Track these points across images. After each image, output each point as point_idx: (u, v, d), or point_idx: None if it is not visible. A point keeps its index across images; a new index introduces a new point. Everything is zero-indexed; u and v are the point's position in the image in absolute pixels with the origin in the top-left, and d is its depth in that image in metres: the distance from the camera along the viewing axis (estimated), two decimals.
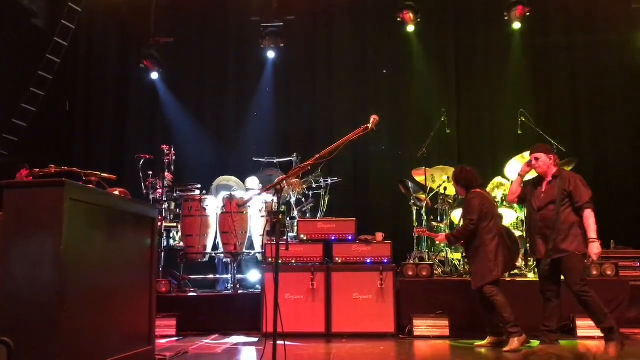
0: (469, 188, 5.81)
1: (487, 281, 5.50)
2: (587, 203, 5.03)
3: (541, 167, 5.25)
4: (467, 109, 9.72)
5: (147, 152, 7.96)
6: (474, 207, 5.62)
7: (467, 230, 5.62)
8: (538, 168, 5.27)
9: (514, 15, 9.27)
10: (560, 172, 5.22)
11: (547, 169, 5.24)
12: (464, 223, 5.69)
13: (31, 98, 9.17)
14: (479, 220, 5.58)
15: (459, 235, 5.75)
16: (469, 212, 5.65)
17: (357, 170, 9.73)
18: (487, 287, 5.50)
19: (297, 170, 4.15)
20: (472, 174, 5.88)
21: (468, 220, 5.62)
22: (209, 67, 10.33)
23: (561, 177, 5.16)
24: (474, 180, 5.85)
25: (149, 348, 4.68)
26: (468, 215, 5.65)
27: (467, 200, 5.73)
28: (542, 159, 5.24)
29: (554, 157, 5.27)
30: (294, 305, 6.46)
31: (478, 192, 5.75)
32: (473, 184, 5.82)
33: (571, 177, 5.17)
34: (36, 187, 3.66)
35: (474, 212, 5.60)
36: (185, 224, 7.65)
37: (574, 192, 5.06)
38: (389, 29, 9.88)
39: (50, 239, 3.44)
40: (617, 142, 9.16)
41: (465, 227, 5.65)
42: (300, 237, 6.94)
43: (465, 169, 5.95)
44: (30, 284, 3.42)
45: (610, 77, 9.44)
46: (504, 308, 5.45)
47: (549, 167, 5.23)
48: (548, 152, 5.29)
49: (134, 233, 4.57)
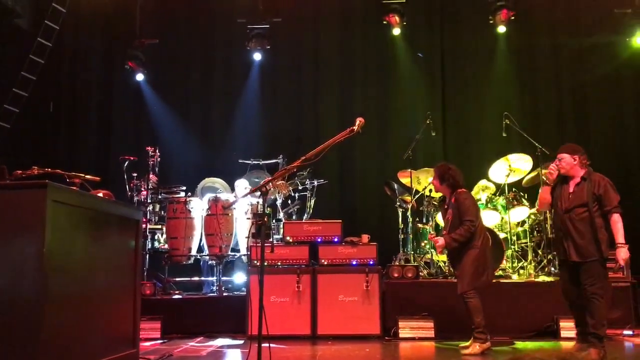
0: (455, 187, 5.66)
1: (474, 286, 5.41)
2: (616, 207, 4.93)
3: (564, 167, 5.14)
4: (452, 112, 9.77)
5: (132, 153, 7.92)
6: (471, 206, 5.51)
7: (470, 233, 5.42)
8: (561, 168, 5.17)
9: (499, 19, 9.33)
10: (590, 174, 5.08)
11: (570, 169, 5.12)
12: (465, 225, 5.44)
13: (14, 99, 9.08)
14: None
15: (461, 238, 5.45)
16: (466, 213, 5.46)
17: (343, 172, 9.74)
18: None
19: (283, 172, 4.16)
20: (458, 172, 5.72)
21: (469, 221, 5.42)
22: (195, 69, 10.29)
23: (590, 179, 5.04)
24: (460, 179, 5.71)
25: (133, 351, 4.64)
26: (466, 217, 5.45)
27: (461, 201, 5.53)
28: (565, 160, 5.12)
29: (579, 158, 5.10)
30: (279, 308, 6.45)
31: (467, 192, 5.69)
32: (460, 182, 5.68)
33: (601, 180, 5.03)
34: (18, 188, 3.62)
35: (472, 213, 5.47)
36: (170, 226, 7.61)
37: (603, 195, 4.95)
38: (375, 31, 9.91)
39: (33, 241, 3.41)
40: (601, 145, 9.25)
41: (468, 229, 5.42)
42: (286, 239, 6.94)
43: (451, 167, 5.76)
44: (12, 288, 3.37)
45: (594, 80, 9.53)
46: (476, 312, 5.38)
47: (572, 168, 5.10)
48: (573, 153, 5.13)
49: (118, 235, 4.53)
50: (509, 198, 7.45)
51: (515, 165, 7.63)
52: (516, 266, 7.38)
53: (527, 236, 7.45)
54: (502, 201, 7.53)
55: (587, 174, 5.08)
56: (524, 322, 6.46)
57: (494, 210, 7.49)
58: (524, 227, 7.63)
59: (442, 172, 5.71)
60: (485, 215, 7.42)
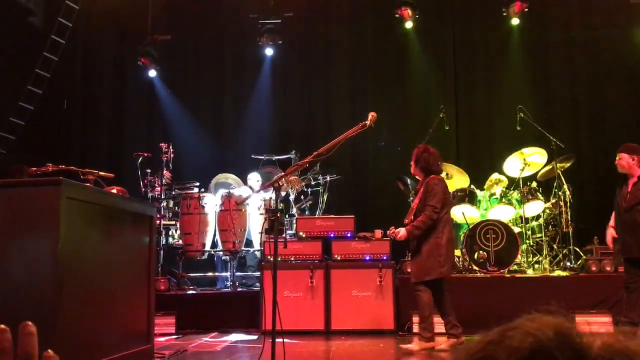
0: (428, 172, 5.37)
1: (432, 277, 5.14)
2: None
3: (622, 167, 5.29)
4: (465, 106, 9.70)
5: (145, 150, 7.95)
6: (438, 193, 5.18)
7: (431, 220, 5.13)
8: (620, 167, 5.33)
9: (513, 12, 9.24)
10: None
11: (629, 169, 5.26)
12: (427, 210, 5.14)
13: (29, 97, 9.16)
14: (441, 208, 5.20)
15: (422, 225, 5.15)
16: (431, 198, 5.16)
17: (356, 167, 9.72)
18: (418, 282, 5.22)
19: (295, 168, 4.15)
20: (435, 157, 5.40)
21: (431, 207, 5.13)
22: (207, 65, 10.31)
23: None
24: (435, 164, 5.39)
25: (148, 346, 4.67)
26: (430, 202, 5.15)
27: (430, 186, 5.24)
28: (624, 159, 5.27)
29: (637, 158, 5.23)
30: (293, 303, 6.45)
31: (441, 178, 5.41)
32: (433, 167, 5.38)
33: None
34: (33, 185, 3.64)
35: (438, 199, 5.16)
36: (184, 222, 7.64)
37: None
38: (387, 25, 9.85)
39: (47, 238, 3.43)
40: (616, 138, 9.14)
41: (429, 216, 5.12)
42: (299, 235, 6.93)
43: (428, 149, 5.44)
44: (28, 284, 3.40)
45: (609, 72, 9.42)
46: (425, 307, 5.16)
47: (631, 167, 5.24)
48: (632, 152, 5.27)
49: (132, 231, 4.56)
50: (523, 192, 7.39)
51: (530, 159, 7.56)
52: (531, 261, 7.32)
53: (542, 230, 7.39)
54: (516, 195, 7.46)
55: None
56: None
57: (508, 205, 7.43)
58: (539, 222, 7.56)
59: (418, 154, 5.42)
60: (500, 210, 7.37)
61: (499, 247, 6.87)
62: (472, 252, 6.92)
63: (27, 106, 9.14)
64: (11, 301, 3.39)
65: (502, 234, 6.90)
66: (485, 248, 6.89)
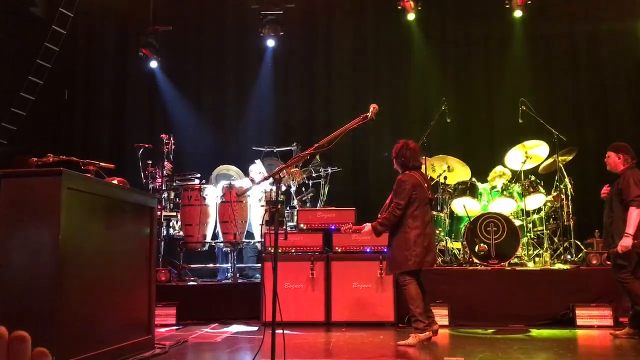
0: (405, 168, 5.39)
1: (401, 270, 5.19)
2: (632, 201, 5.32)
3: (609, 164, 5.65)
4: (467, 98, 9.67)
5: (146, 141, 7.94)
6: (404, 190, 5.20)
7: (395, 216, 5.19)
8: (608, 165, 5.68)
9: (515, 4, 9.21)
10: (624, 171, 5.50)
11: (615, 167, 5.60)
12: (391, 207, 5.23)
13: (30, 87, 9.14)
14: (407, 205, 5.20)
15: (386, 222, 5.24)
16: (398, 195, 5.22)
17: (357, 159, 9.71)
18: (401, 276, 5.25)
19: (296, 159, 4.13)
20: (412, 152, 5.40)
21: (395, 204, 5.19)
22: (208, 56, 10.29)
23: (622, 175, 5.49)
24: (412, 160, 5.40)
25: (148, 337, 4.68)
26: (396, 199, 5.21)
27: (398, 183, 5.29)
28: (611, 157, 5.61)
29: (623, 157, 5.53)
30: (293, 294, 6.46)
31: (411, 175, 5.34)
32: (409, 163, 5.39)
33: (627, 175, 5.45)
34: (34, 176, 3.64)
35: (403, 196, 5.18)
36: (185, 213, 7.64)
37: (623, 189, 5.40)
38: (390, 17, 9.82)
39: (48, 228, 3.43)
40: (619, 130, 9.13)
41: (392, 213, 5.19)
42: (300, 227, 6.93)
43: (407, 145, 5.42)
44: (29, 274, 3.41)
45: (612, 65, 9.40)
46: (412, 300, 5.15)
47: (616, 165, 5.57)
48: (618, 152, 5.58)
49: (133, 222, 4.56)
50: (525, 185, 7.38)
51: (532, 152, 7.54)
52: (532, 254, 7.33)
53: (543, 223, 7.39)
54: (518, 188, 7.46)
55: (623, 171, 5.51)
56: (539, 310, 6.41)
57: (509, 198, 7.42)
58: (540, 215, 7.56)
59: (397, 150, 5.45)
60: (501, 203, 7.37)
61: (500, 240, 6.87)
62: (473, 245, 6.92)
63: (28, 96, 9.12)
64: (12, 290, 3.39)
65: (503, 227, 6.89)
66: (486, 241, 6.89)
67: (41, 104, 9.28)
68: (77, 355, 3.55)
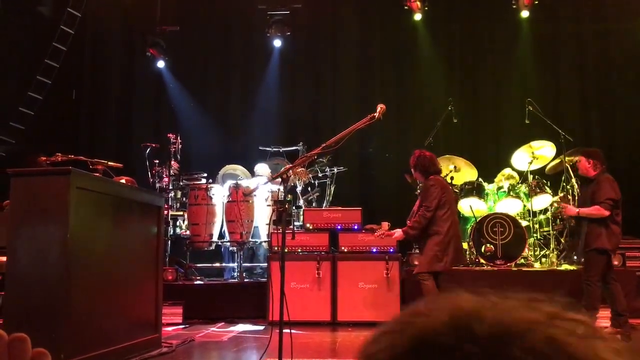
0: (427, 174, 5.51)
1: (432, 269, 5.27)
2: (602, 203, 5.41)
3: (580, 169, 5.78)
4: (474, 98, 9.66)
5: (154, 140, 7.97)
6: (433, 194, 5.33)
7: (425, 219, 5.30)
8: (579, 170, 5.82)
9: (522, 4, 9.18)
10: (598, 175, 5.59)
11: (586, 172, 5.70)
12: (421, 211, 5.35)
13: (38, 86, 9.18)
14: (436, 208, 5.32)
15: (417, 226, 5.35)
16: (427, 199, 5.34)
17: (363, 159, 9.70)
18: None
19: (304, 160, 4.14)
20: (429, 160, 5.56)
21: (425, 207, 5.31)
22: (215, 56, 10.31)
23: (596, 179, 5.59)
24: (431, 166, 5.54)
25: (155, 336, 4.71)
26: (426, 202, 5.33)
27: (427, 187, 5.42)
28: (582, 162, 5.72)
29: (593, 162, 5.62)
30: (299, 294, 6.47)
31: (438, 179, 5.51)
32: (430, 169, 5.51)
33: (601, 179, 5.55)
34: (42, 175, 3.67)
35: (432, 200, 5.30)
36: (192, 213, 7.66)
37: (596, 192, 5.49)
38: (396, 17, 9.81)
39: (57, 227, 3.46)
40: (625, 131, 9.10)
41: (423, 216, 5.30)
42: (306, 226, 6.94)
43: (422, 155, 5.58)
44: (37, 272, 3.43)
45: (620, 66, 9.36)
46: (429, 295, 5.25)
47: (587, 170, 5.66)
48: (589, 157, 5.67)
49: (140, 221, 4.58)
50: (531, 186, 7.36)
51: (538, 152, 7.53)
52: (538, 254, 7.31)
53: (550, 224, 7.37)
54: (524, 189, 7.44)
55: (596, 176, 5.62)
56: None
57: (516, 198, 7.40)
58: (547, 215, 7.54)
59: (413, 161, 5.60)
60: (508, 203, 7.35)
61: (506, 241, 6.86)
62: (479, 245, 6.91)
63: (37, 96, 9.17)
64: (21, 288, 3.42)
65: (509, 227, 6.88)
66: (492, 241, 6.88)
67: (49, 103, 9.32)
68: (85, 354, 3.58)
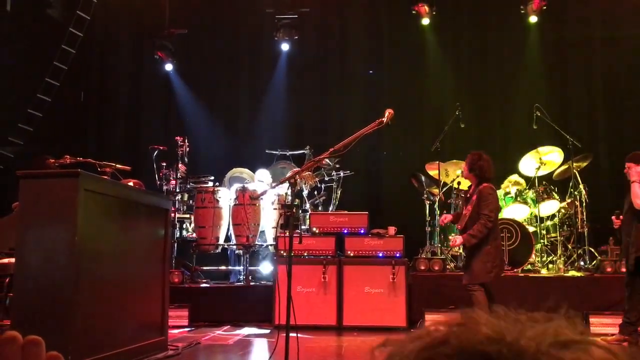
0: (482, 179, 5.36)
1: (481, 280, 5.20)
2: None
3: (631, 175, 5.51)
4: (481, 103, 9.64)
5: (161, 143, 7.99)
6: (493, 202, 5.25)
7: (487, 229, 5.14)
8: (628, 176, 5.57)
9: (531, 9, 9.18)
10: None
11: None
12: (482, 219, 5.17)
13: (46, 88, 9.23)
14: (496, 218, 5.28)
15: (479, 234, 5.17)
16: (486, 208, 5.18)
17: (370, 163, 9.70)
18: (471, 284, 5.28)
19: (312, 164, 4.15)
20: (489, 164, 5.41)
21: (486, 216, 5.14)
22: (223, 59, 10.34)
23: None
24: (489, 172, 5.39)
25: (161, 338, 4.71)
26: (485, 211, 5.17)
27: (485, 195, 5.26)
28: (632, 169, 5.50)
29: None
30: (305, 298, 6.46)
31: (494, 187, 5.43)
32: (487, 174, 5.36)
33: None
34: (51, 177, 3.69)
35: (492, 208, 5.22)
36: (198, 216, 7.67)
37: (633, 198, 5.35)
38: (404, 21, 9.82)
39: (65, 229, 3.47)
40: (634, 137, 9.05)
41: (485, 225, 5.13)
42: (313, 230, 6.94)
43: (483, 157, 5.40)
44: (45, 273, 3.45)
45: (628, 72, 9.32)
46: (480, 306, 5.14)
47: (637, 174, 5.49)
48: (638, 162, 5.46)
49: (147, 224, 4.59)
50: (538, 191, 7.34)
51: (546, 158, 7.51)
52: (545, 260, 7.28)
53: (557, 230, 7.34)
54: (531, 194, 7.42)
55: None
56: None
57: (523, 204, 7.38)
58: (554, 221, 7.51)
59: (473, 160, 5.43)
60: (515, 209, 7.33)
61: (513, 246, 6.84)
62: None
63: (45, 98, 9.21)
64: (29, 289, 3.43)
65: (516, 233, 6.86)
66: None
67: (58, 105, 9.37)
68: (91, 356, 3.59)
